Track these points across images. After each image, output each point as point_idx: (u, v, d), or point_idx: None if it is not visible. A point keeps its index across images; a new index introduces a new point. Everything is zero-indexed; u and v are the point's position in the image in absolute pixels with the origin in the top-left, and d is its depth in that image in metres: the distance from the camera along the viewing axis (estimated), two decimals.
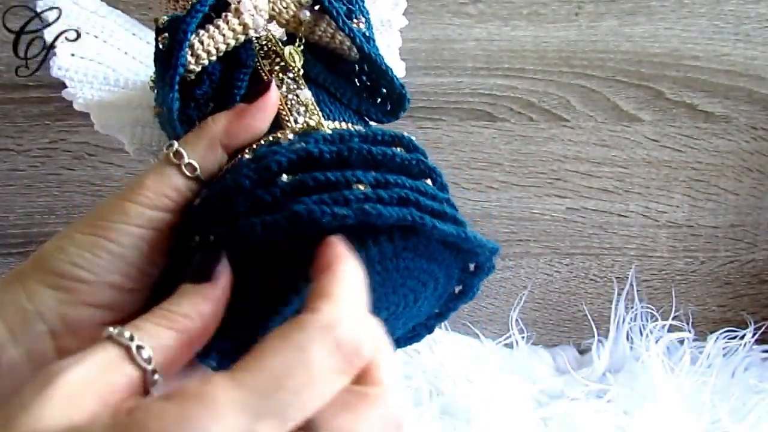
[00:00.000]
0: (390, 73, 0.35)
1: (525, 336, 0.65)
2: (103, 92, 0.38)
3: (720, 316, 0.70)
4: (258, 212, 0.27)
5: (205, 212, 0.29)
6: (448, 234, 0.28)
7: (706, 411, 0.55)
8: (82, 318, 0.29)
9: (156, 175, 0.31)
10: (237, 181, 0.28)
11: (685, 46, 0.62)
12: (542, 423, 0.56)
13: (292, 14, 0.35)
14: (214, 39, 0.33)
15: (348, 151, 0.28)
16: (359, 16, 0.36)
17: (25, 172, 0.62)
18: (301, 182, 0.27)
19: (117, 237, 0.29)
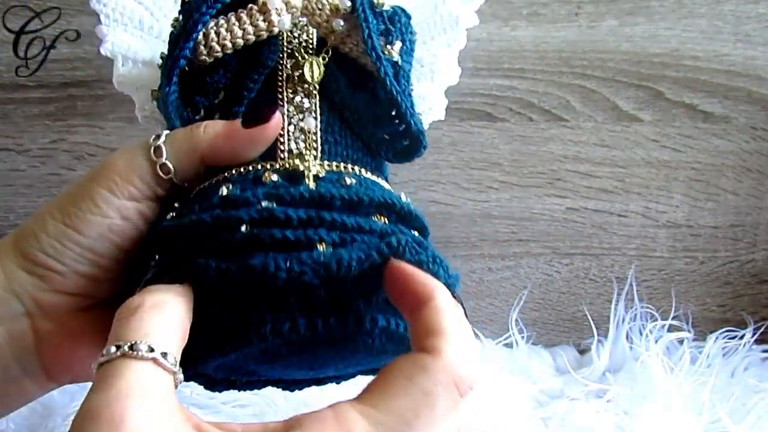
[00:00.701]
0: (408, 116, 0.32)
1: (525, 336, 0.65)
2: (134, 38, 0.35)
3: (720, 316, 0.70)
4: (216, 254, 0.26)
5: (167, 238, 0.29)
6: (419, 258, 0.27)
7: (706, 411, 0.55)
8: (55, 303, 0.30)
9: (129, 161, 0.31)
10: (201, 220, 0.27)
11: (685, 46, 0.62)
12: (542, 423, 0.56)
13: (326, 18, 0.32)
14: (232, 33, 0.31)
15: (318, 220, 0.27)
16: (395, 39, 0.33)
17: (25, 172, 0.62)
18: (256, 238, 0.26)
19: (85, 228, 0.30)
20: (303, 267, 0.25)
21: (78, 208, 0.30)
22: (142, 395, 0.21)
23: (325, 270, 0.25)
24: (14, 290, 0.30)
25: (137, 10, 0.36)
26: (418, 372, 0.23)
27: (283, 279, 0.25)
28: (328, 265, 0.25)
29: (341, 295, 0.26)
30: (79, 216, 0.30)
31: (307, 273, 0.25)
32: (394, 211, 0.30)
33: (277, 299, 0.26)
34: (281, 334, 0.26)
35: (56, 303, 0.30)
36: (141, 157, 0.31)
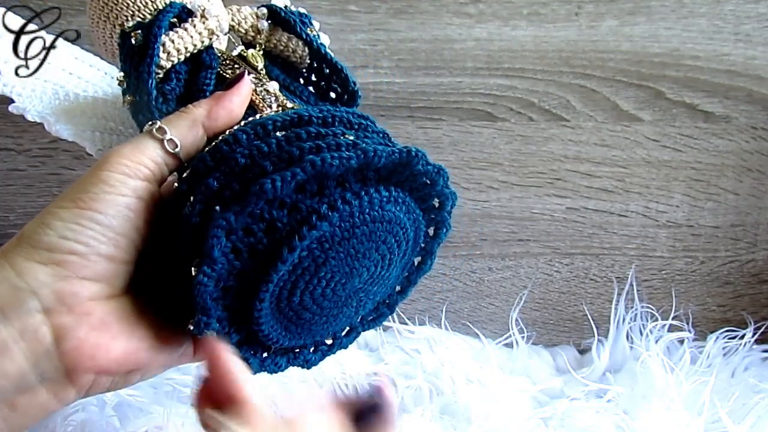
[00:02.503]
0: (344, 70, 0.40)
1: (525, 336, 0.65)
2: (53, 106, 0.39)
3: (720, 316, 0.70)
4: (260, 162, 0.29)
5: (199, 169, 0.30)
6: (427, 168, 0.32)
7: (706, 411, 0.55)
8: (77, 292, 0.29)
9: (135, 146, 0.31)
10: (235, 136, 0.31)
11: (685, 46, 0.62)
12: (542, 423, 0.56)
13: (251, 24, 0.40)
14: (183, 39, 0.36)
15: (332, 117, 0.32)
16: (310, 25, 0.41)
17: (25, 172, 0.62)
18: (296, 134, 0.30)
19: (103, 207, 0.29)
20: (350, 153, 0.29)
21: (91, 192, 0.29)
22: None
23: (365, 155, 0.29)
24: (29, 286, 0.28)
25: (46, 86, 0.39)
26: None
27: (336, 165, 0.28)
28: (367, 152, 0.29)
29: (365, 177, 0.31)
30: (93, 197, 0.29)
31: (353, 158, 0.29)
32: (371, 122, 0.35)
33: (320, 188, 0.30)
34: (337, 208, 0.29)
35: (78, 291, 0.29)
36: (146, 139, 0.32)
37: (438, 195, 0.35)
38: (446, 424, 0.55)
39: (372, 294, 0.35)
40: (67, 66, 0.41)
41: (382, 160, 0.30)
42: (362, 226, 0.31)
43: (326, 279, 0.31)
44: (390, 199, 0.32)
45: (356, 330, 0.38)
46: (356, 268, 0.32)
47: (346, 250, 0.31)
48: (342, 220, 0.30)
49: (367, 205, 0.30)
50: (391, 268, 0.34)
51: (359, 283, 0.33)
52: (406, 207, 0.33)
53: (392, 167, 0.31)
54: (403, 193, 0.33)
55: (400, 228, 0.33)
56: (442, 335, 0.64)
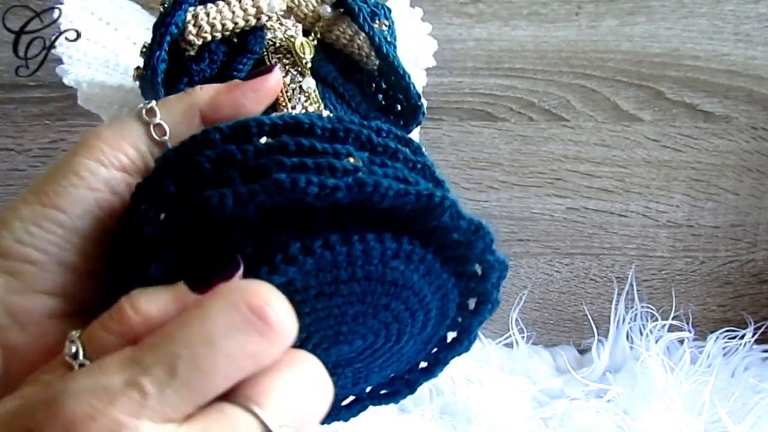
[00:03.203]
0: (407, 79, 0.33)
1: (525, 336, 0.65)
2: (99, 72, 0.36)
3: (720, 316, 0.70)
4: (225, 172, 0.23)
5: (161, 168, 0.25)
6: (459, 223, 0.24)
7: (706, 411, 0.55)
8: (31, 308, 0.24)
9: (117, 128, 0.26)
10: (206, 134, 0.24)
11: (685, 46, 0.62)
12: (542, 423, 0.56)
13: (312, 8, 0.34)
14: (222, 14, 0.31)
15: (344, 131, 0.24)
16: (383, 19, 0.34)
17: (25, 172, 0.62)
18: (281, 145, 0.23)
19: (67, 205, 0.24)
20: (337, 182, 0.22)
21: (58, 184, 0.25)
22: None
23: (360, 189, 0.22)
24: None
25: (102, 52, 0.36)
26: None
27: (314, 194, 0.21)
28: (364, 184, 0.22)
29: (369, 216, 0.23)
30: (59, 192, 0.24)
31: (341, 188, 0.22)
32: (410, 147, 0.27)
33: (303, 221, 0.23)
34: (313, 252, 0.22)
35: (33, 307, 0.24)
36: (131, 121, 0.27)
37: (479, 261, 0.26)
38: (446, 424, 0.55)
39: (376, 367, 0.28)
40: (133, 35, 0.38)
41: (385, 199, 0.22)
42: (351, 283, 0.23)
43: (299, 339, 0.24)
44: (398, 255, 0.24)
45: (362, 402, 0.30)
46: (343, 333, 0.25)
47: (327, 308, 0.24)
48: (320, 270, 0.23)
49: (360, 256, 0.23)
50: (403, 340, 0.27)
51: (351, 352, 0.26)
52: (426, 268, 0.25)
53: (409, 213, 0.23)
54: (423, 249, 0.25)
55: (413, 294, 0.25)
56: None
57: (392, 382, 0.30)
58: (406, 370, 0.30)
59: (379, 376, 0.29)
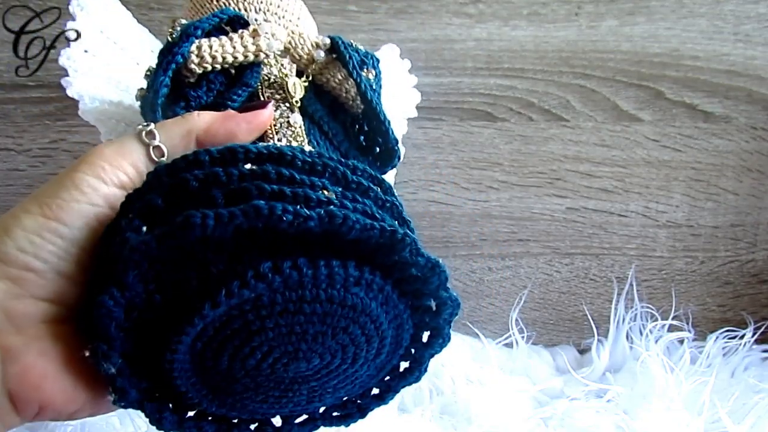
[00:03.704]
0: (387, 125, 0.36)
1: (525, 336, 0.65)
2: (101, 87, 0.38)
3: (720, 316, 0.70)
4: (209, 191, 0.25)
5: (151, 183, 0.26)
6: (418, 259, 0.26)
7: (706, 411, 0.55)
8: (27, 313, 0.26)
9: (118, 147, 0.28)
10: (196, 155, 0.26)
11: (685, 46, 0.62)
12: (542, 423, 0.56)
13: (307, 52, 0.37)
14: (224, 48, 0.34)
15: (322, 166, 0.27)
16: (371, 68, 0.37)
17: (25, 172, 0.62)
18: (264, 172, 0.25)
19: (68, 218, 0.26)
20: (310, 212, 0.24)
21: (60, 198, 0.26)
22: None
23: (330, 221, 0.24)
24: None
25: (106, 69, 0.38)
26: None
27: (288, 221, 0.24)
28: (334, 217, 0.24)
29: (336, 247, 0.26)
30: (61, 206, 0.26)
31: (313, 218, 0.24)
32: (382, 187, 0.30)
33: (275, 244, 0.25)
34: (282, 271, 0.25)
35: (29, 312, 0.26)
36: (132, 141, 0.28)
37: (434, 296, 0.29)
38: (446, 424, 0.55)
39: (330, 387, 0.30)
40: (137, 56, 0.40)
41: (352, 231, 0.25)
42: (314, 304, 0.26)
43: (261, 351, 0.26)
44: (360, 282, 0.26)
45: (314, 422, 0.32)
46: (302, 350, 0.27)
47: (289, 325, 0.26)
48: (287, 288, 0.25)
49: (324, 280, 0.25)
50: (357, 364, 0.29)
51: (308, 370, 0.28)
52: (384, 298, 0.28)
53: (373, 246, 0.26)
54: (383, 280, 0.27)
55: (370, 320, 0.28)
56: None
57: (345, 405, 0.32)
58: (359, 394, 0.32)
59: (332, 397, 0.31)
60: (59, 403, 0.27)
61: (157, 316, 0.25)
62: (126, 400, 0.26)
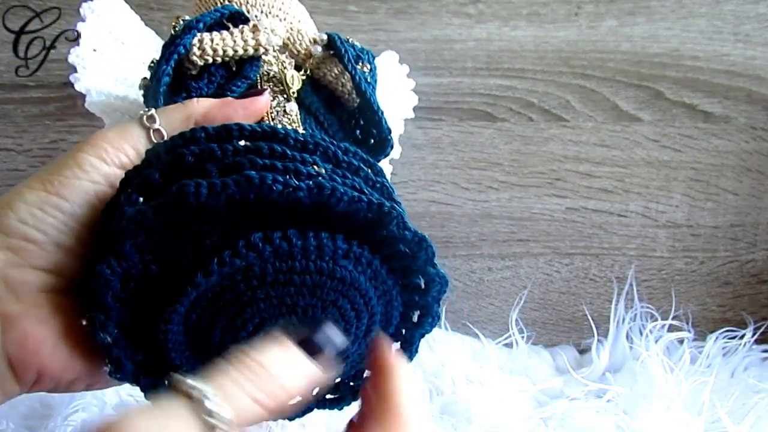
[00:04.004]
0: (380, 115, 0.37)
1: (525, 336, 0.65)
2: (108, 83, 0.40)
3: (720, 316, 0.70)
4: (204, 166, 0.26)
5: (149, 159, 0.28)
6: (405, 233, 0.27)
7: (706, 411, 0.55)
8: (26, 281, 0.27)
9: (120, 130, 0.30)
10: (193, 132, 0.27)
11: (685, 46, 0.62)
12: (542, 423, 0.56)
13: (305, 47, 0.39)
14: (224, 41, 0.35)
15: (314, 145, 0.28)
16: (366, 63, 0.38)
17: (25, 172, 0.62)
18: (257, 148, 0.26)
19: (69, 193, 0.27)
20: (300, 183, 0.25)
21: (62, 175, 0.28)
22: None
23: (319, 192, 0.25)
24: None
25: (113, 67, 0.40)
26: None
27: (278, 192, 0.25)
28: (323, 188, 0.25)
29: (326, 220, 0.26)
30: (63, 182, 0.27)
31: (302, 189, 0.25)
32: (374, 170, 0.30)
33: (265, 217, 0.26)
34: (272, 241, 0.25)
35: (29, 280, 0.27)
36: (133, 125, 0.30)
37: (422, 273, 0.29)
38: (446, 424, 0.55)
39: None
40: (143, 57, 0.41)
41: (340, 203, 0.25)
42: (303, 275, 0.26)
43: (252, 323, 0.27)
44: (348, 255, 0.27)
45: (308, 404, 0.32)
46: (292, 323, 0.27)
47: (280, 296, 0.26)
48: (277, 259, 0.26)
49: (313, 251, 0.26)
50: (348, 340, 0.29)
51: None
52: (373, 272, 0.28)
53: (361, 220, 0.26)
54: (372, 255, 0.28)
55: (359, 294, 0.28)
56: (441, 335, 0.64)
57: (337, 386, 0.32)
58: (351, 375, 0.32)
59: None
60: (57, 371, 0.27)
61: (153, 288, 0.26)
62: (121, 372, 0.27)
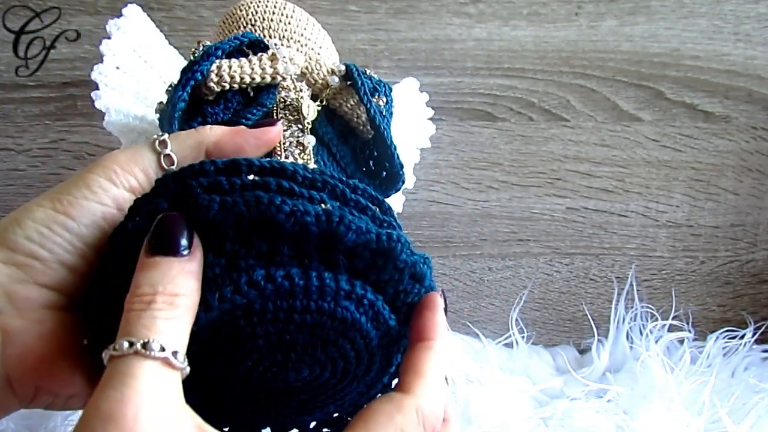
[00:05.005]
0: (393, 149, 0.37)
1: (525, 336, 0.65)
2: (128, 102, 0.40)
3: (720, 316, 0.70)
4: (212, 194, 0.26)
5: (158, 188, 0.28)
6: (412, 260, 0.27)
7: (706, 411, 0.55)
8: (30, 297, 0.27)
9: (132, 153, 0.30)
10: (202, 164, 0.27)
11: (685, 46, 0.62)
12: (542, 423, 0.56)
13: (323, 77, 0.39)
14: (242, 68, 0.35)
15: (322, 183, 0.28)
16: (382, 95, 0.38)
17: (25, 172, 0.62)
18: (265, 183, 0.26)
19: (77, 213, 0.28)
20: (307, 208, 0.25)
21: (71, 194, 0.28)
22: (153, 397, 0.22)
23: (327, 220, 0.25)
24: None
25: (135, 85, 0.40)
26: (394, 410, 0.26)
27: (286, 213, 0.25)
28: (331, 216, 0.25)
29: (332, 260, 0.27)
30: (71, 202, 0.28)
31: (310, 214, 0.25)
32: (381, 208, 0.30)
33: (270, 252, 0.26)
34: (274, 280, 0.25)
35: (32, 297, 0.27)
36: (144, 149, 0.30)
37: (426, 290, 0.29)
38: None
39: (320, 402, 0.31)
40: (165, 75, 0.42)
41: (349, 233, 0.25)
42: (304, 314, 0.26)
43: (251, 359, 0.27)
44: (351, 297, 0.27)
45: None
46: (292, 360, 0.28)
47: (279, 333, 0.27)
48: (278, 297, 0.26)
49: (314, 291, 0.26)
50: (347, 379, 0.30)
51: (297, 381, 0.29)
52: (374, 314, 0.28)
53: (369, 258, 0.27)
54: (375, 296, 0.28)
55: (359, 335, 0.28)
56: None
57: (335, 421, 0.33)
58: (349, 412, 0.32)
59: (322, 412, 0.32)
60: (55, 387, 0.28)
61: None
62: None
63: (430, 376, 0.27)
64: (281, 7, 0.41)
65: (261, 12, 0.41)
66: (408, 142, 0.48)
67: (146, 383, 0.22)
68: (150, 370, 0.22)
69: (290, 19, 0.41)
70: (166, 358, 0.23)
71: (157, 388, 0.22)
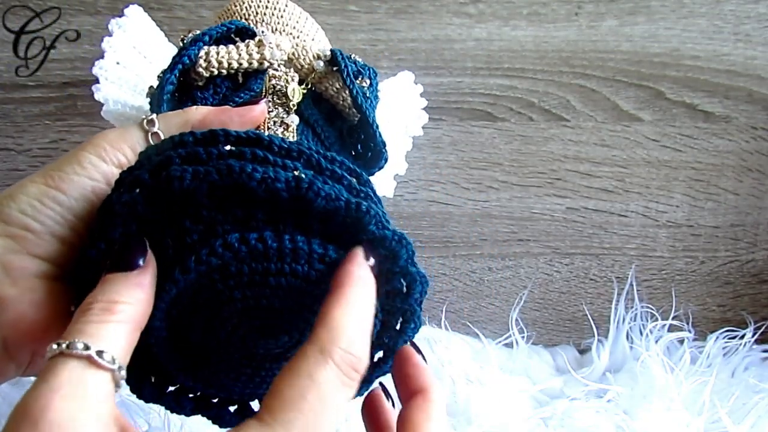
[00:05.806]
0: (375, 128, 0.38)
1: (525, 336, 0.65)
2: (126, 94, 0.42)
3: (720, 316, 0.70)
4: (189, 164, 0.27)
5: (141, 161, 0.29)
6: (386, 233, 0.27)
7: (706, 411, 0.55)
8: (24, 267, 0.29)
9: (121, 132, 0.32)
10: (181, 136, 0.28)
11: (685, 46, 0.62)
12: (542, 423, 0.56)
13: (308, 62, 0.40)
14: (230, 54, 0.37)
15: (297, 152, 0.28)
16: (365, 78, 0.40)
17: (25, 172, 0.62)
18: (240, 152, 0.27)
19: (68, 188, 0.29)
20: (278, 175, 0.26)
21: (63, 171, 0.30)
22: (70, 392, 0.22)
23: (296, 186, 0.26)
24: None
25: (134, 79, 0.42)
26: (298, 360, 0.25)
27: (257, 180, 0.25)
28: (300, 181, 0.26)
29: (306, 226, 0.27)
30: (62, 177, 0.29)
31: (280, 181, 0.26)
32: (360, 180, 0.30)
33: (246, 217, 0.27)
34: (248, 242, 0.26)
35: (25, 267, 0.29)
36: (133, 127, 0.32)
37: (403, 274, 0.29)
38: None
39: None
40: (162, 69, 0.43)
41: (318, 199, 0.26)
42: (279, 277, 0.26)
43: (230, 323, 0.28)
44: (324, 259, 0.27)
45: None
46: (269, 326, 0.28)
47: (256, 297, 0.27)
48: (253, 260, 0.26)
49: (288, 254, 0.26)
50: None
51: (277, 347, 0.29)
52: None
53: (339, 223, 0.27)
54: None
55: None
56: (441, 335, 0.64)
57: None
58: None
59: None
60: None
61: None
62: None
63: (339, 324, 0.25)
64: (274, 2, 0.43)
65: (255, 6, 0.42)
66: (400, 129, 0.49)
67: (63, 380, 0.22)
68: (70, 368, 0.23)
69: (282, 12, 0.42)
70: (89, 356, 0.23)
71: (74, 385, 0.23)
